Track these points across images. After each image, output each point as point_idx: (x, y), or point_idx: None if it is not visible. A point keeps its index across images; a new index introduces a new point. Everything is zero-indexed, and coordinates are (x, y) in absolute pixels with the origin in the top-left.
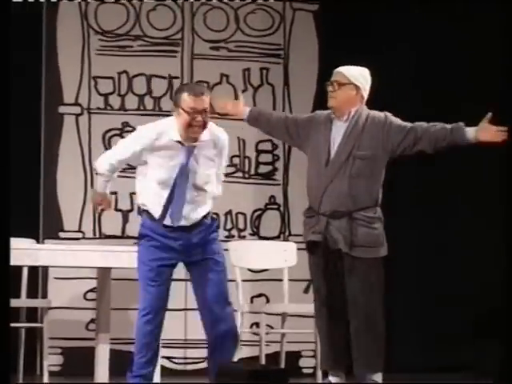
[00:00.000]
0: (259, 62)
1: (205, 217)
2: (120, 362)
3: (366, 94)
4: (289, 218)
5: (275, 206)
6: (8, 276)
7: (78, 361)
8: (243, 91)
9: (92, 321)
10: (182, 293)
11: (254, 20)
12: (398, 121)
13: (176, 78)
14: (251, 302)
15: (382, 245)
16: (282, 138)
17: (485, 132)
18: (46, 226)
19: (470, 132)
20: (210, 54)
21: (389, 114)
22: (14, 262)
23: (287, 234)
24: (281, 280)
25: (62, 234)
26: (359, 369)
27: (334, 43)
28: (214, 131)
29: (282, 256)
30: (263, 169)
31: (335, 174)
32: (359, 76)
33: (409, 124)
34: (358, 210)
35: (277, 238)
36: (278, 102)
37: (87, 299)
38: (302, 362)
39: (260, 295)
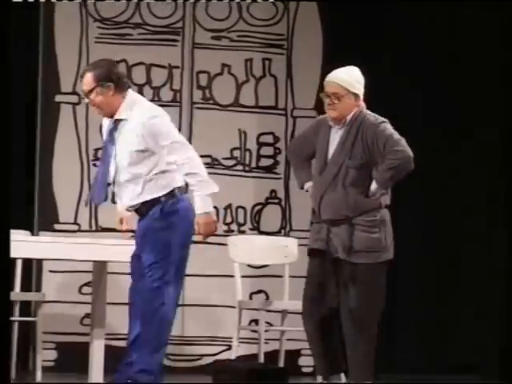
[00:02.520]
0: (262, 53)
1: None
2: (115, 358)
3: (362, 95)
4: (290, 212)
5: (276, 201)
6: (8, 270)
7: (73, 356)
8: (245, 82)
9: (87, 315)
10: None
11: (257, 9)
12: (385, 134)
13: (176, 67)
14: (250, 298)
15: (385, 249)
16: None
17: None
18: (41, 218)
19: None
20: (212, 44)
21: (382, 124)
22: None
23: (288, 229)
24: (281, 276)
25: (57, 226)
26: (352, 374)
27: (339, 34)
28: (134, 111)
29: (283, 252)
30: (264, 162)
31: (329, 184)
32: (355, 82)
33: (391, 144)
34: (357, 215)
35: (277, 233)
36: (281, 94)
37: (82, 293)
38: (302, 361)
39: (259, 292)
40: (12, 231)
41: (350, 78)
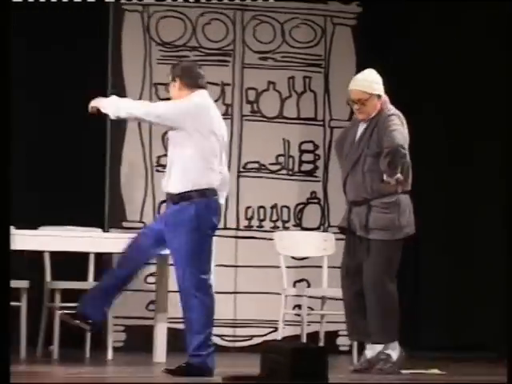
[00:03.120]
0: (303, 71)
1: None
2: (176, 339)
3: (383, 92)
4: (328, 211)
5: (316, 201)
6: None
7: (139, 338)
8: (288, 97)
9: (151, 302)
10: (231, 277)
11: (299, 33)
12: (386, 126)
13: (228, 84)
14: (294, 286)
15: (398, 228)
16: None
17: None
18: (111, 217)
19: None
20: (259, 64)
21: (389, 117)
22: (82, 249)
23: (326, 225)
24: (320, 267)
25: (124, 224)
26: (372, 340)
27: (370, 55)
28: None
29: (322, 245)
30: (305, 167)
31: (350, 169)
32: (374, 84)
33: (387, 135)
34: (374, 198)
35: (317, 229)
36: (319, 107)
37: (147, 282)
38: (339, 341)
39: (302, 280)
40: (85, 228)
41: (369, 82)
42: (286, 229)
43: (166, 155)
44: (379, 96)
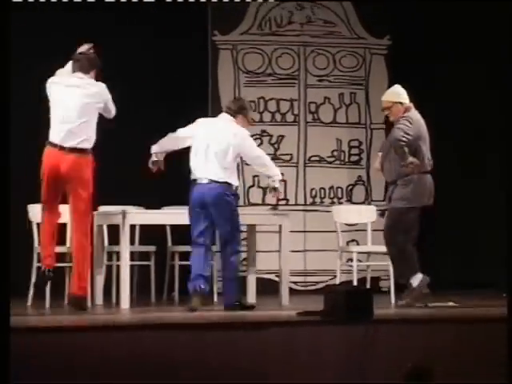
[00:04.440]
0: (349, 89)
1: None
2: (263, 286)
3: (406, 100)
4: (370, 190)
5: (362, 182)
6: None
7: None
8: (339, 108)
9: (244, 259)
10: (302, 239)
11: (346, 61)
12: (396, 126)
13: (295, 100)
14: (347, 244)
15: (412, 199)
16: None
17: None
18: None
19: None
20: (317, 84)
21: (403, 119)
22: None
23: (370, 200)
24: (365, 230)
25: None
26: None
27: (399, 76)
28: None
29: (367, 215)
30: (353, 158)
31: (384, 158)
32: (397, 95)
33: (390, 138)
34: (399, 178)
35: (363, 203)
36: (362, 115)
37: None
38: (382, 284)
39: (353, 240)
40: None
41: (391, 94)
42: (341, 203)
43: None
44: (401, 103)
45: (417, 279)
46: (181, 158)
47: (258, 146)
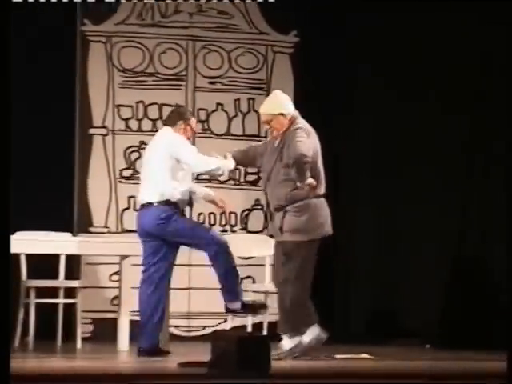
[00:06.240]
0: (247, 94)
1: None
2: (138, 330)
3: (289, 109)
4: (270, 216)
5: (260, 207)
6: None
7: (105, 329)
8: (234, 117)
9: (115, 297)
10: (186, 275)
11: (243, 60)
12: (295, 139)
13: (181, 106)
14: (241, 282)
15: (310, 230)
16: None
17: None
18: (79, 222)
19: None
20: (208, 87)
21: (298, 131)
22: (54, 251)
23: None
24: (264, 265)
25: (91, 229)
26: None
27: (306, 79)
28: None
29: (265, 247)
30: (250, 177)
31: (266, 180)
32: (276, 105)
33: (292, 146)
34: (289, 204)
35: (261, 231)
36: (262, 127)
37: (112, 280)
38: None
39: (248, 277)
40: (57, 233)
41: (272, 104)
42: (234, 232)
43: (128, 168)
44: (283, 114)
45: (310, 334)
46: None
47: (136, 159)
